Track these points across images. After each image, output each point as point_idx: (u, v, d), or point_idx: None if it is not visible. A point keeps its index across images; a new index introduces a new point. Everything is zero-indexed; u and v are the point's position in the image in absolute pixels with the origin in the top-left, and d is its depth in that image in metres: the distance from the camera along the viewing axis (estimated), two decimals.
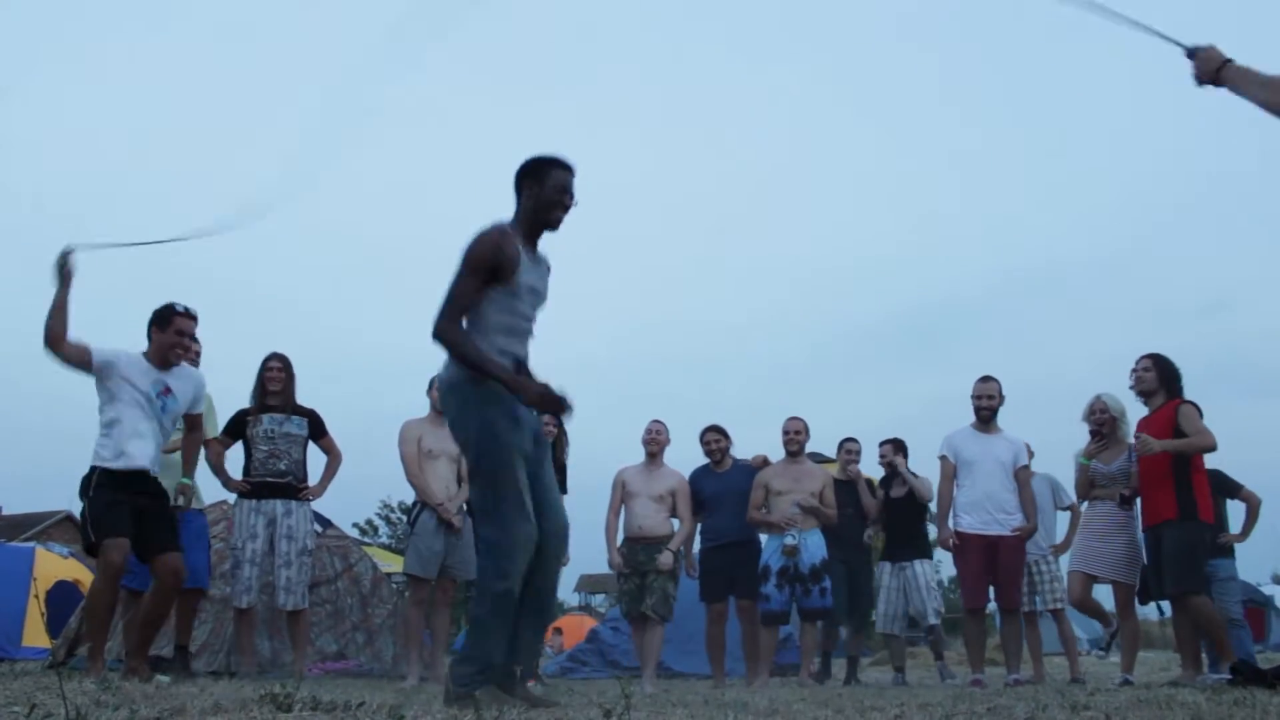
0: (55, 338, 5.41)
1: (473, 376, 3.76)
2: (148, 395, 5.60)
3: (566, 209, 3.98)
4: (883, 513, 8.33)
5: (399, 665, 7.59)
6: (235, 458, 6.99)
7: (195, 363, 6.62)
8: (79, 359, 5.47)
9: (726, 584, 7.50)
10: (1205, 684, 5.47)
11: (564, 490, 7.66)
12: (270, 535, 6.74)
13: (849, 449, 8.45)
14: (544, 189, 3.94)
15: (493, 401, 3.75)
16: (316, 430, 7.04)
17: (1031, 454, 7.72)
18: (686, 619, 8.02)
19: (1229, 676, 5.43)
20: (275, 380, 6.92)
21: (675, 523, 7.51)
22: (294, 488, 6.86)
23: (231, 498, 7.17)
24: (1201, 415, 6.36)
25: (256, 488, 6.77)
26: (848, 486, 8.07)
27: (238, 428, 6.88)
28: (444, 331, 3.76)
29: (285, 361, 6.99)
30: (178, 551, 5.59)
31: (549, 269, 4.13)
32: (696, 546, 7.79)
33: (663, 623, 7.25)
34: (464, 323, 3.82)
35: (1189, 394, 6.51)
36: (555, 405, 3.81)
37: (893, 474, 8.28)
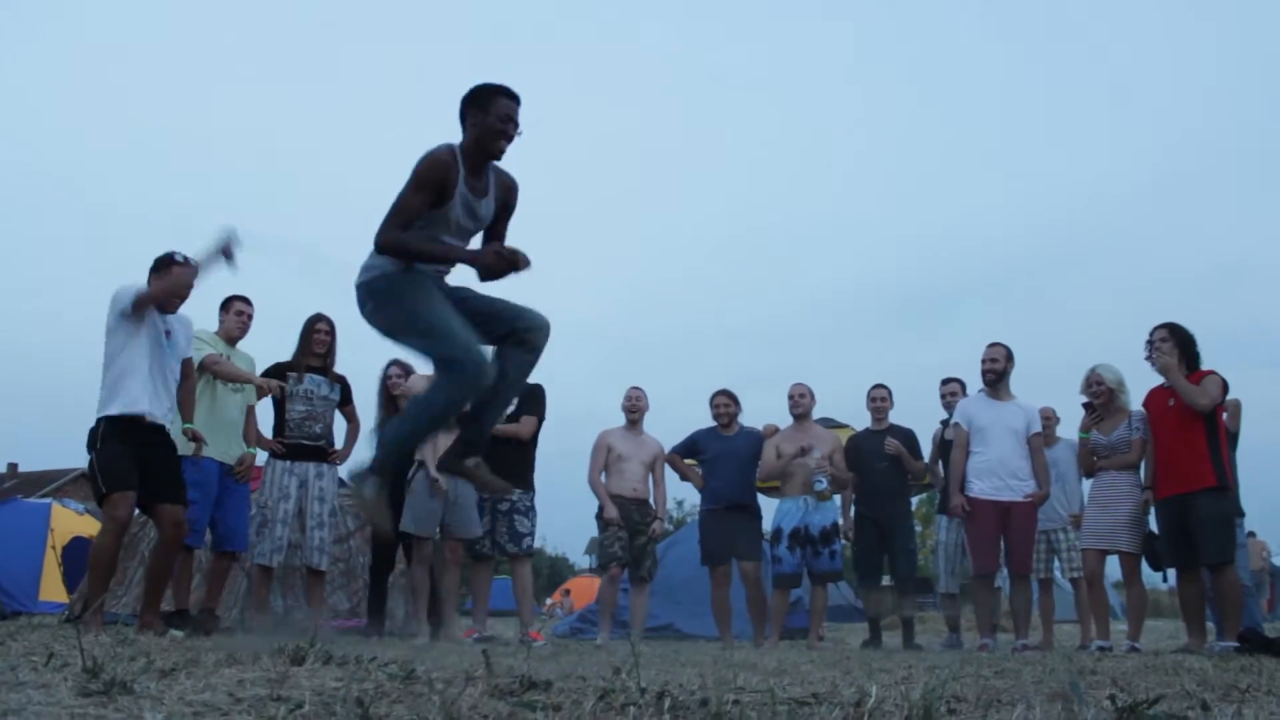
0: (157, 302, 5.59)
1: (380, 277, 3.91)
2: (160, 336, 5.66)
3: (510, 138, 4.01)
4: (938, 454, 8.05)
5: (410, 623, 7.65)
6: (264, 412, 7.04)
7: (246, 329, 6.71)
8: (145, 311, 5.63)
9: (727, 547, 7.56)
10: (1213, 651, 5.49)
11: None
12: (300, 497, 6.80)
13: (876, 395, 8.06)
14: (488, 117, 3.96)
15: (398, 282, 3.91)
16: (345, 397, 7.10)
17: (1058, 420, 7.67)
18: (696, 582, 8.05)
19: (1237, 645, 5.44)
20: (322, 343, 6.98)
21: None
22: (325, 451, 6.93)
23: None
24: (1228, 389, 6.35)
25: (291, 449, 6.83)
26: (879, 436, 7.87)
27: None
28: (386, 241, 3.88)
29: (331, 324, 7.04)
30: (180, 504, 5.65)
31: (511, 189, 4.20)
32: (694, 508, 7.91)
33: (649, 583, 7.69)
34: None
35: (1206, 363, 6.48)
36: (510, 264, 3.91)
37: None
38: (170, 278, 5.60)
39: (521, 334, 4.02)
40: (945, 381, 8.26)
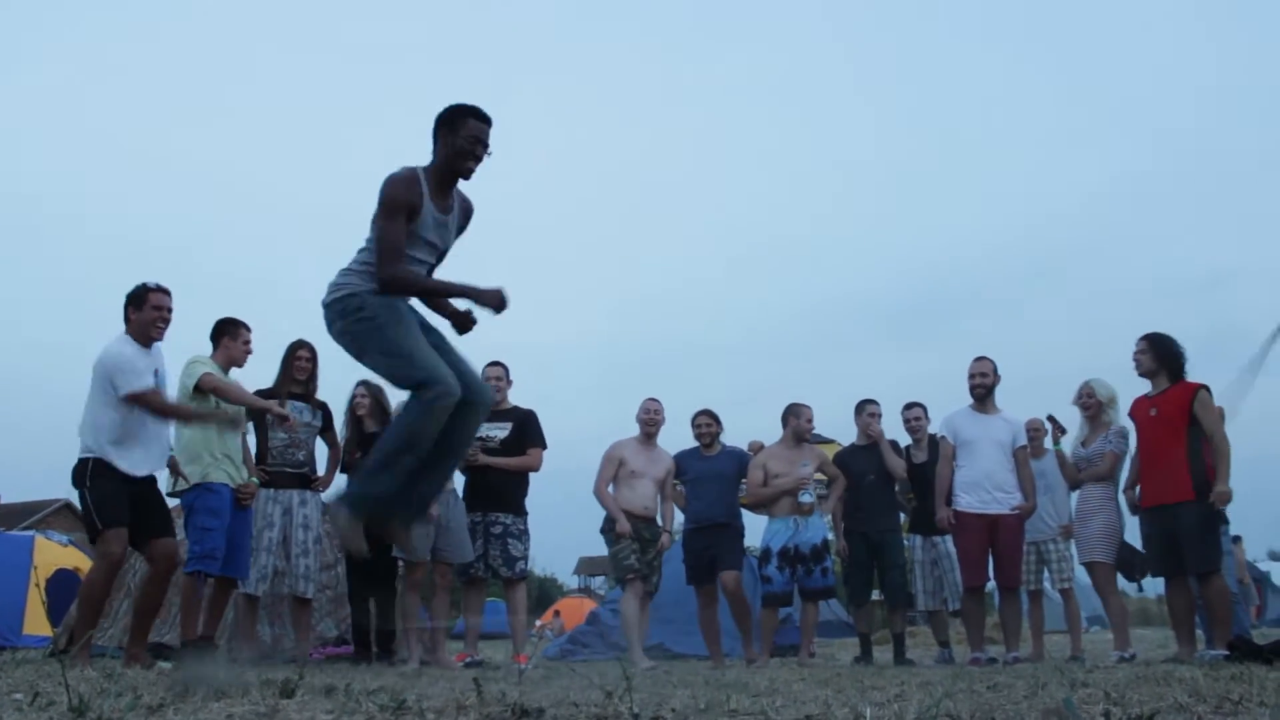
0: (159, 413, 5.58)
1: (352, 296, 3.94)
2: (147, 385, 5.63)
3: (479, 159, 4.09)
4: (909, 479, 7.97)
5: (399, 649, 7.61)
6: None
7: (248, 353, 6.63)
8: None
9: (711, 564, 7.50)
10: (1203, 660, 5.50)
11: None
12: (285, 524, 6.75)
13: (871, 411, 7.93)
14: (457, 138, 4.03)
15: (371, 303, 3.94)
16: (327, 423, 7.07)
17: (1046, 431, 7.69)
18: (686, 600, 8.02)
19: (1226, 653, 5.45)
20: (303, 370, 6.92)
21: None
22: (308, 478, 6.89)
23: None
24: (1212, 396, 6.36)
25: (274, 477, 6.79)
26: (867, 451, 7.82)
27: (255, 409, 6.83)
28: (392, 278, 3.93)
29: (313, 351, 6.98)
30: (171, 536, 5.63)
31: (468, 212, 4.29)
32: (679, 528, 7.84)
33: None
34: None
35: (1191, 370, 6.51)
36: (502, 303, 4.03)
37: (917, 439, 7.99)
38: (163, 403, 5.62)
39: (462, 407, 3.98)
40: (910, 406, 8.15)
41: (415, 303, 4.25)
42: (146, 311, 5.69)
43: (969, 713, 2.28)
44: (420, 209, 3.99)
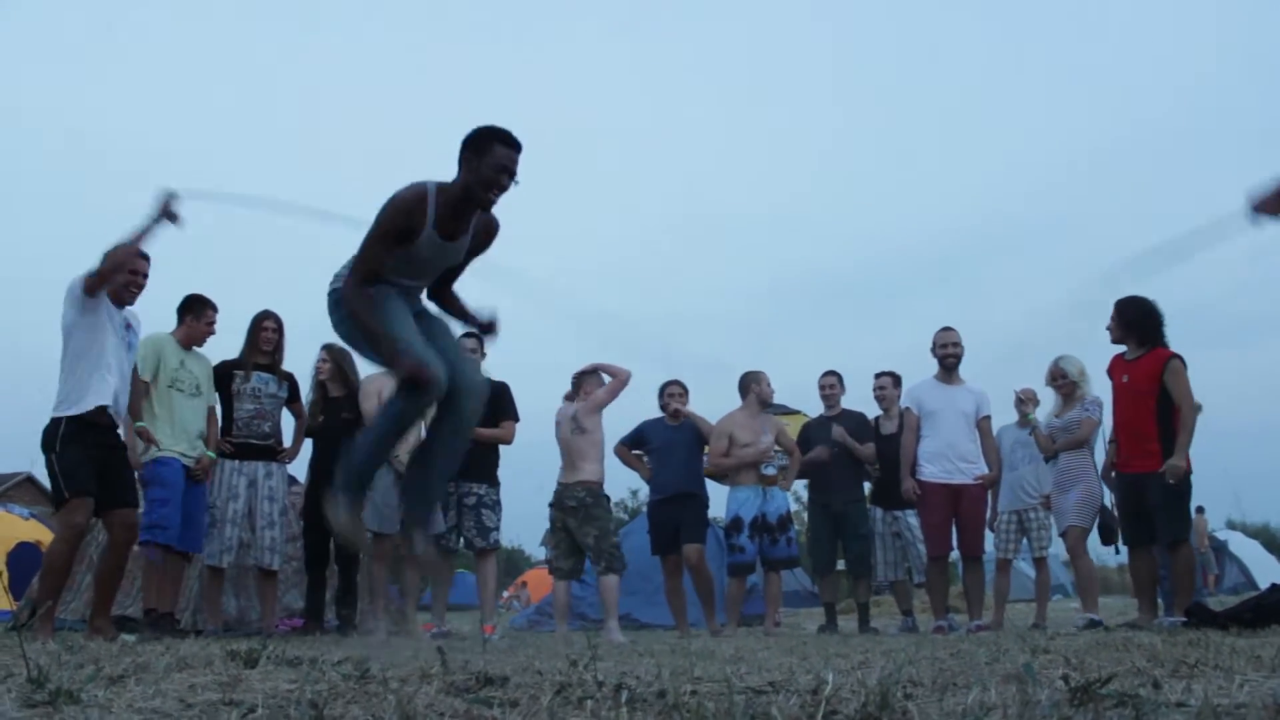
0: (112, 270, 5.39)
1: (351, 294, 3.86)
2: (120, 330, 5.59)
3: (503, 189, 3.87)
4: (877, 450, 7.98)
5: (366, 621, 7.59)
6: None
7: (210, 333, 6.63)
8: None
9: (675, 535, 7.50)
10: (1161, 626, 5.58)
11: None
12: (250, 496, 6.72)
13: (821, 382, 8.05)
14: (482, 164, 3.82)
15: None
16: (293, 394, 7.03)
17: (1037, 402, 7.73)
18: (652, 571, 8.05)
19: (1184, 620, 5.54)
20: (269, 340, 6.88)
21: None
22: (274, 450, 6.86)
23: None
24: (1186, 367, 6.33)
25: (239, 449, 6.74)
26: (829, 423, 7.87)
27: (220, 380, 6.81)
28: (348, 297, 3.86)
29: (279, 321, 6.96)
30: (132, 507, 5.59)
31: (491, 232, 4.15)
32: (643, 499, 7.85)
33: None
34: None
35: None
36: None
37: (886, 409, 7.96)
38: (117, 254, 5.42)
39: (452, 396, 3.89)
40: (880, 375, 8.13)
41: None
42: (121, 274, 5.65)
43: (930, 678, 2.30)
44: (419, 233, 3.86)
